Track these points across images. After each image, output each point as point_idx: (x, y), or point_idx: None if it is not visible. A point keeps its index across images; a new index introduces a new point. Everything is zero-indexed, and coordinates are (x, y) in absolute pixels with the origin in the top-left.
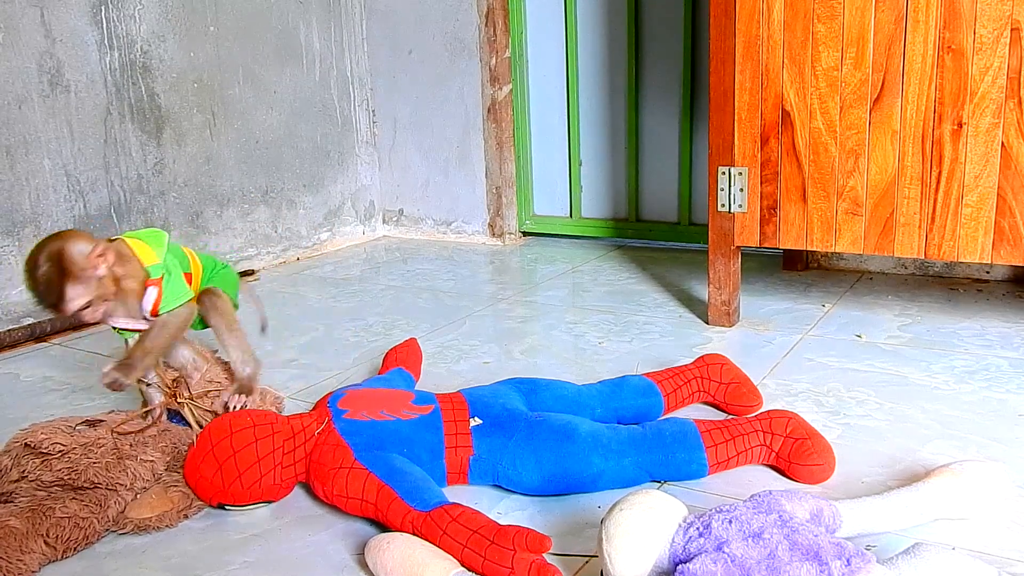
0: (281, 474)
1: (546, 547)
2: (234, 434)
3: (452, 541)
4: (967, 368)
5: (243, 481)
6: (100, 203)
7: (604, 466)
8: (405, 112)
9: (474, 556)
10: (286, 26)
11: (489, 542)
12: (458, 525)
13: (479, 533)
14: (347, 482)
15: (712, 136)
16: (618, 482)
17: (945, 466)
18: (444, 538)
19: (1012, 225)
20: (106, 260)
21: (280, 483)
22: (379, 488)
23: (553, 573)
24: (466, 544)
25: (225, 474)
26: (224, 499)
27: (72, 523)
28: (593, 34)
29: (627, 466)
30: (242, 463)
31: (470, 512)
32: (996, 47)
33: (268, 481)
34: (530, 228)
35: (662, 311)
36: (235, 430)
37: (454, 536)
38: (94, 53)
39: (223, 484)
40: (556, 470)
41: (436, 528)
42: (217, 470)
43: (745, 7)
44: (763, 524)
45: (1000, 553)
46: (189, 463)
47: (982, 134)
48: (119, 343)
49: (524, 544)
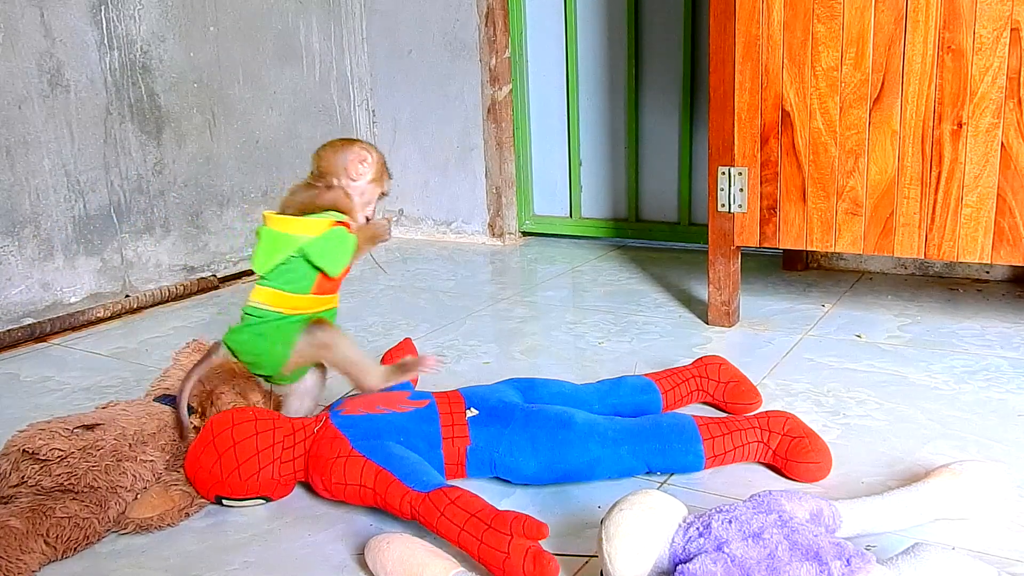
0: (280, 469)
1: (543, 534)
2: (235, 426)
3: (449, 523)
4: (967, 368)
5: (241, 473)
6: (100, 203)
7: (601, 453)
8: (405, 112)
9: (471, 539)
10: (286, 26)
11: (486, 526)
12: (456, 508)
13: (477, 517)
14: (345, 470)
15: (712, 136)
16: (615, 470)
17: (945, 466)
18: (441, 520)
19: (1012, 225)
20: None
21: (278, 479)
22: (377, 472)
23: (548, 560)
24: (463, 527)
25: (224, 465)
26: (222, 491)
27: (72, 523)
28: (593, 34)
29: (624, 454)
30: (241, 454)
31: (469, 495)
32: (996, 47)
33: (266, 475)
34: (530, 228)
35: (662, 311)
36: (236, 423)
37: (452, 518)
38: (94, 53)
39: (221, 475)
40: (553, 456)
41: (434, 509)
42: (216, 460)
43: (745, 7)
44: (763, 524)
45: (1000, 553)
46: (190, 454)
47: (982, 134)
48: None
49: (521, 530)
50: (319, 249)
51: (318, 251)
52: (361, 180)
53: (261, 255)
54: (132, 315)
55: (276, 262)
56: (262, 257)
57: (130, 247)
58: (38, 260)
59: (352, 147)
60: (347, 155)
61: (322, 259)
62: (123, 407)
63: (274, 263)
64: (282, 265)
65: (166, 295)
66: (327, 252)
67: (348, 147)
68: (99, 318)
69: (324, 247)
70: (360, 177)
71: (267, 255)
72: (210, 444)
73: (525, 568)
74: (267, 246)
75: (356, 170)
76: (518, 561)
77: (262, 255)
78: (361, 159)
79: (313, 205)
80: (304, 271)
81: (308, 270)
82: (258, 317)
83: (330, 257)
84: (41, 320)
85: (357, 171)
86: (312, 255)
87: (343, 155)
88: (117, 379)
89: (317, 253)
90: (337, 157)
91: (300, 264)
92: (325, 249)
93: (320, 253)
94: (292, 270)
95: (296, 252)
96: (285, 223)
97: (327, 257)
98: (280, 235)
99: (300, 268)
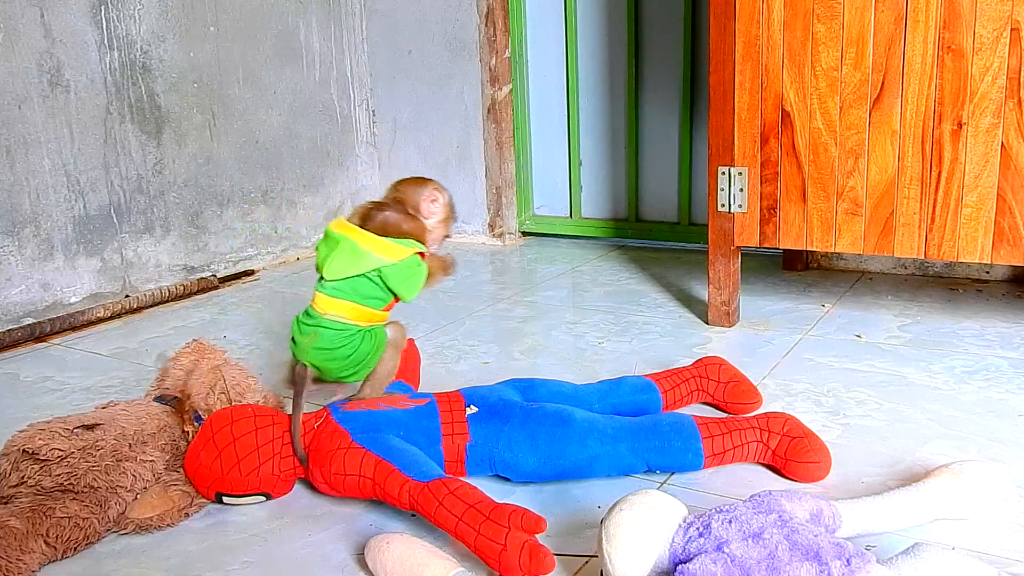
0: (280, 464)
1: (541, 528)
2: (235, 423)
3: (448, 513)
4: (967, 368)
5: (242, 468)
6: (100, 203)
7: (600, 450)
8: (405, 112)
9: (468, 530)
10: (286, 26)
11: (484, 517)
12: (455, 498)
13: (475, 508)
14: (344, 461)
15: (712, 136)
16: (614, 468)
17: (945, 466)
18: (440, 510)
19: (1012, 225)
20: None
21: (278, 474)
22: (377, 463)
23: (545, 554)
24: (461, 517)
25: (224, 461)
26: (222, 487)
27: (72, 523)
28: (593, 34)
29: (623, 452)
30: (241, 450)
31: (468, 487)
32: (996, 47)
33: (266, 470)
34: (530, 228)
35: (662, 311)
36: (236, 419)
37: (450, 508)
38: (94, 53)
39: (222, 471)
40: (552, 452)
41: (432, 499)
42: (216, 457)
43: (745, 7)
44: (763, 524)
45: (1000, 553)
46: (190, 452)
47: (982, 134)
48: (121, 344)
49: (520, 523)
50: (400, 275)
51: (398, 277)
52: (432, 219)
53: (339, 264)
54: (132, 315)
55: (350, 274)
56: (339, 265)
57: (130, 247)
58: (38, 260)
59: (427, 186)
60: (422, 192)
61: (400, 284)
62: (123, 407)
63: (348, 275)
64: (354, 278)
65: (166, 295)
66: (406, 279)
67: (424, 185)
68: (99, 318)
69: (404, 274)
70: (431, 216)
71: (345, 266)
72: (210, 441)
73: (521, 561)
74: (347, 257)
75: (428, 209)
76: (514, 554)
77: (340, 264)
78: (433, 199)
79: (398, 230)
80: (381, 291)
81: (384, 291)
82: (338, 330)
83: (408, 284)
84: (41, 320)
85: (429, 210)
86: (391, 279)
87: (419, 191)
88: (117, 379)
89: (397, 279)
90: (414, 193)
91: (375, 282)
92: (405, 276)
93: (400, 279)
94: (367, 286)
95: (374, 271)
96: (369, 240)
97: (405, 284)
98: (362, 251)
99: (374, 286)
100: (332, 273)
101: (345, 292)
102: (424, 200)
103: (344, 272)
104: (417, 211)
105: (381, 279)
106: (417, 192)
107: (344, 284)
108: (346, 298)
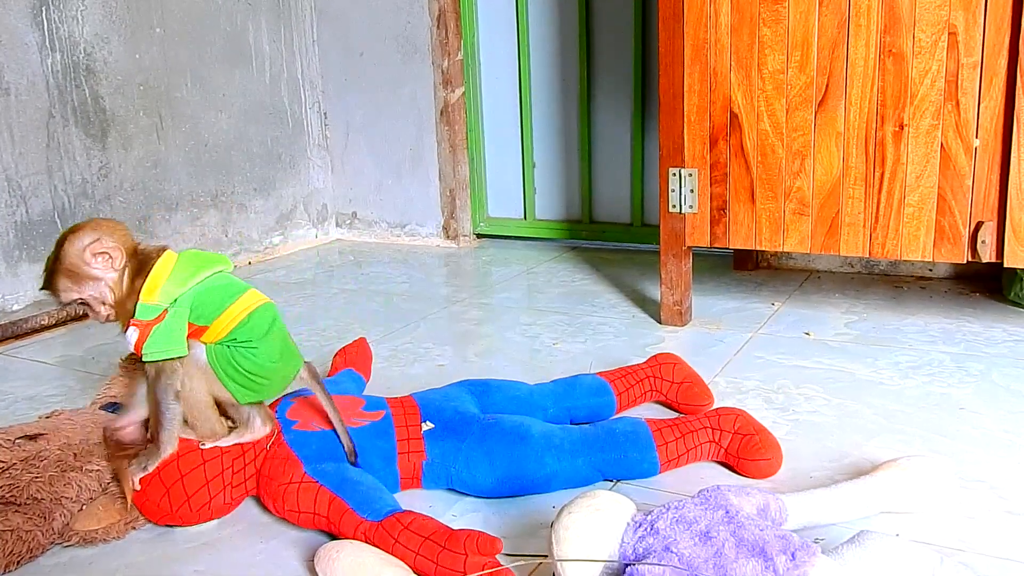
0: (231, 493)
1: (497, 549)
2: (181, 457)
3: (405, 549)
4: (911, 364)
5: (192, 505)
6: (43, 208)
7: (557, 467)
8: (357, 115)
9: (427, 563)
10: (235, 28)
11: (441, 547)
12: (410, 533)
13: (431, 539)
14: (298, 497)
15: (662, 138)
16: (572, 482)
17: (891, 461)
18: (396, 547)
19: (952, 224)
20: (110, 261)
21: (231, 502)
22: (331, 501)
23: (505, 575)
24: (418, 552)
25: (173, 498)
26: (172, 522)
27: (15, 536)
28: (545, 37)
29: (580, 466)
30: (190, 486)
31: (421, 518)
32: (934, 51)
33: (217, 503)
34: (484, 230)
35: (616, 311)
36: (182, 453)
37: (406, 544)
38: (35, 55)
39: (171, 508)
40: (510, 471)
41: (388, 537)
42: (164, 494)
43: (693, 11)
44: (710, 522)
45: (943, 543)
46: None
47: (923, 135)
48: (66, 352)
49: (475, 548)
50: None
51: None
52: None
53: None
54: (77, 322)
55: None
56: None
57: None
58: None
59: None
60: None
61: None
62: (68, 416)
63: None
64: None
65: None
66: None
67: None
68: (43, 326)
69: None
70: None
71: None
72: (155, 478)
73: None
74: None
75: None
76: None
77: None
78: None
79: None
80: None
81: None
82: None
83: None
84: None
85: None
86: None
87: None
88: (62, 388)
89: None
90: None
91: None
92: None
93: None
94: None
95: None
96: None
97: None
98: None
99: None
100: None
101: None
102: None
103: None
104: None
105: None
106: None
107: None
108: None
